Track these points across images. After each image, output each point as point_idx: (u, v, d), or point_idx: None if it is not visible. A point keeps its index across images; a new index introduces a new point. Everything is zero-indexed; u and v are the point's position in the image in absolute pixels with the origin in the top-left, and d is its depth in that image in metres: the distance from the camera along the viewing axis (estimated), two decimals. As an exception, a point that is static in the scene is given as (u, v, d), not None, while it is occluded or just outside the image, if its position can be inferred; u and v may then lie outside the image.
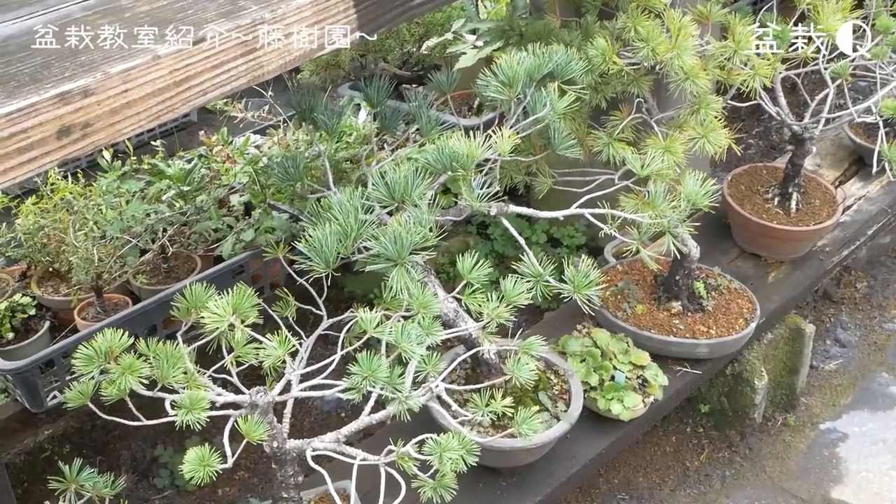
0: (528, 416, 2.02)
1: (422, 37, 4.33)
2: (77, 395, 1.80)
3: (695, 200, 2.29)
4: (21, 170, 1.44)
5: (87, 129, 1.50)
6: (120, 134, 1.55)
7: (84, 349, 1.72)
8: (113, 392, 1.71)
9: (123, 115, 1.54)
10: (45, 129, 1.44)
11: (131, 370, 1.66)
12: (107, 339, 1.71)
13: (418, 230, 1.92)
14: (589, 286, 2.12)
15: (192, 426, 3.22)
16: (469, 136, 2.08)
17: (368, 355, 1.79)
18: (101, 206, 3.11)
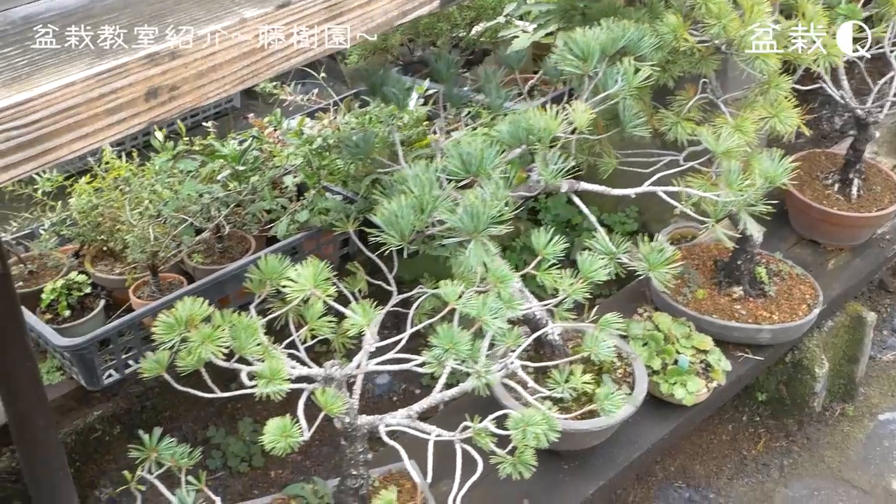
0: (610, 392, 1.99)
1: (473, 21, 4.30)
2: (153, 366, 1.78)
3: (772, 178, 2.25)
4: (110, 131, 1.42)
5: (174, 91, 1.48)
6: (205, 97, 1.52)
7: (164, 317, 1.70)
8: (191, 362, 1.68)
9: (209, 79, 1.52)
10: (133, 90, 1.42)
11: (211, 339, 1.64)
12: (187, 307, 1.69)
13: (495, 203, 1.89)
14: (663, 264, 2.08)
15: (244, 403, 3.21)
16: (546, 111, 2.04)
17: (449, 327, 1.76)
18: (156, 186, 3.09)
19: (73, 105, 1.34)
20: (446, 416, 2.80)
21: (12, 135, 1.29)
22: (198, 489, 1.78)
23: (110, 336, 2.75)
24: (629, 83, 2.18)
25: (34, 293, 2.97)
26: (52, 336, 2.72)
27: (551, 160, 2.11)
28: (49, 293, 2.94)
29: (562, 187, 2.21)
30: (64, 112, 1.34)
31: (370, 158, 2.52)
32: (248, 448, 3.31)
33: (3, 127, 1.27)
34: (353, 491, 2.09)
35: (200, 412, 3.52)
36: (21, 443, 2.64)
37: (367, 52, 4.45)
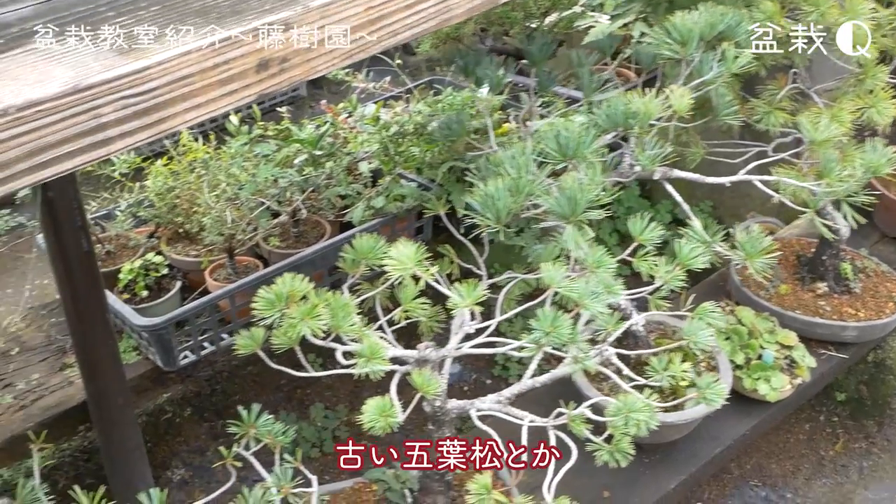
0: (712, 381, 1.95)
1: (547, 10, 4.26)
2: (248, 343, 1.76)
3: (875, 168, 2.19)
4: (221, 102, 1.40)
5: (284, 63, 1.46)
6: (314, 71, 1.51)
7: (265, 293, 1.69)
8: (289, 339, 1.66)
9: (319, 52, 1.50)
10: (246, 61, 1.40)
11: (311, 316, 1.62)
12: (287, 283, 1.67)
13: (593, 188, 1.86)
14: (761, 254, 2.04)
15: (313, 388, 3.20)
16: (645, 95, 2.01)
17: (550, 311, 1.73)
18: (233, 169, 3.09)
19: (188, 74, 1.33)
20: (523, 404, 2.77)
21: (129, 102, 1.28)
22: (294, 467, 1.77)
23: (187, 317, 2.75)
24: (728, 69, 2.14)
25: (112, 273, 2.98)
26: (131, 315, 2.73)
27: (648, 145, 2.07)
28: (127, 273, 2.95)
29: (655, 174, 2.17)
30: (179, 81, 1.32)
31: (456, 144, 2.48)
32: (319, 433, 3.30)
33: (120, 95, 1.26)
34: (439, 476, 2.07)
35: (270, 397, 3.52)
36: (99, 421, 2.66)
37: (439, 40, 4.43)
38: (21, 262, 4.44)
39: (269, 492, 1.65)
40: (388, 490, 2.17)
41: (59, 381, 2.83)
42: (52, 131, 1.20)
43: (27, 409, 2.72)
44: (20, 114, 1.17)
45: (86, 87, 1.22)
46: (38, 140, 1.19)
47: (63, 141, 1.22)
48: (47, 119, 1.19)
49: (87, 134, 1.24)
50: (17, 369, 2.89)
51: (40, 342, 3.02)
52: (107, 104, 1.25)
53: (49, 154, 1.21)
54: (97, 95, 1.24)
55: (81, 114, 1.23)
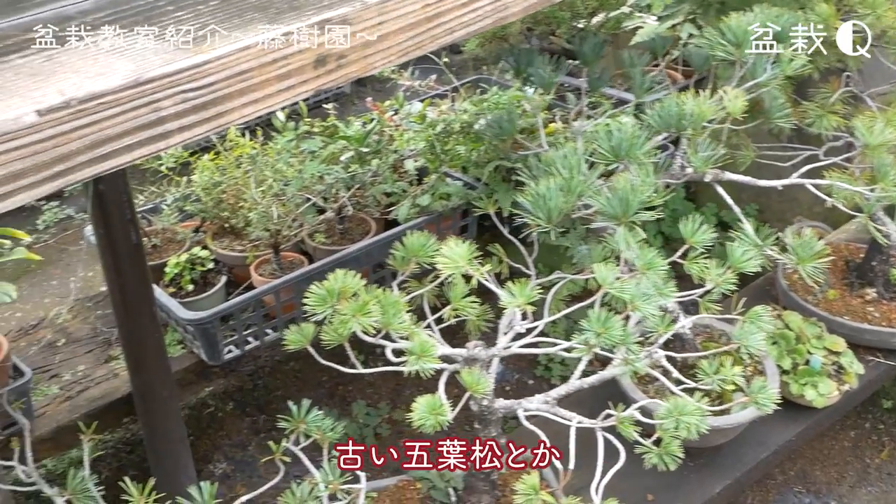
0: (763, 386, 1.93)
1: (594, 10, 4.24)
2: (298, 338, 1.77)
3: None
4: (279, 97, 1.41)
5: (341, 59, 1.46)
6: (371, 67, 1.51)
7: (316, 288, 1.69)
8: (340, 334, 1.66)
9: (376, 49, 1.50)
10: (304, 57, 1.40)
11: (361, 312, 1.62)
12: (339, 279, 1.67)
13: (646, 189, 1.84)
14: (813, 258, 2.01)
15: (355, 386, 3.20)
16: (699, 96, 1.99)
17: (600, 312, 1.72)
18: (279, 164, 3.10)
19: (247, 69, 1.33)
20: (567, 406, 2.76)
21: (189, 96, 1.28)
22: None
23: (232, 312, 2.76)
24: (783, 71, 2.12)
25: (158, 266, 3.00)
26: (177, 309, 2.74)
27: (700, 147, 2.06)
28: (173, 267, 2.96)
29: (706, 176, 2.15)
30: (238, 76, 1.33)
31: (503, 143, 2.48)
32: (360, 430, 3.30)
33: (180, 88, 1.27)
34: (485, 476, 2.06)
35: (312, 393, 3.52)
36: (144, 413, 2.68)
37: (486, 39, 4.42)
38: (66, 255, 4.49)
39: (318, 487, 1.65)
40: (433, 488, 2.17)
41: (105, 372, 2.85)
42: (112, 124, 1.21)
43: (73, 399, 2.74)
44: (82, 106, 1.17)
45: (147, 80, 1.23)
46: (99, 132, 1.20)
47: (123, 134, 1.23)
48: (108, 112, 1.20)
49: (146, 127, 1.25)
50: (63, 360, 2.91)
51: (86, 334, 3.04)
52: (167, 98, 1.26)
53: (109, 147, 1.22)
54: (157, 89, 1.24)
55: (142, 107, 1.23)
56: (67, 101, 1.16)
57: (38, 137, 1.14)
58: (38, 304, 4.17)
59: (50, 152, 1.16)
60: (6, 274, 4.14)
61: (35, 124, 1.14)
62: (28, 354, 2.94)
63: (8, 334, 3.03)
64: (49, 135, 1.15)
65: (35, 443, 2.64)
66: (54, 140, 1.16)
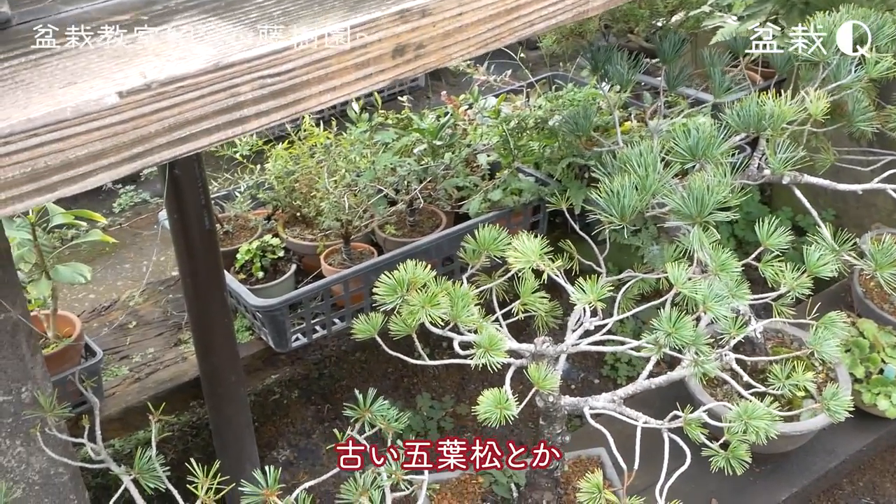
0: (837, 393, 1.89)
1: (674, 9, 4.19)
2: (366, 328, 1.77)
3: None
4: (357, 85, 1.41)
5: (420, 49, 1.46)
6: (449, 58, 1.50)
7: (387, 278, 1.69)
8: (408, 325, 1.66)
9: (455, 39, 1.50)
10: (382, 46, 1.40)
11: (431, 304, 1.62)
12: (409, 270, 1.67)
13: (721, 189, 1.82)
14: (892, 265, 1.97)
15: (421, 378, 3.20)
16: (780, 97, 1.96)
17: (672, 312, 1.70)
18: (352, 155, 3.11)
19: (326, 57, 1.34)
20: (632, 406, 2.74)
21: (267, 82, 1.29)
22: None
23: (301, 300, 2.77)
24: (868, 73, 2.07)
25: (229, 253, 3.03)
26: (247, 295, 2.76)
27: (780, 149, 2.02)
28: (244, 254, 2.99)
29: (784, 178, 2.11)
30: (316, 63, 1.33)
31: (584, 137, 2.46)
32: (424, 423, 3.31)
33: (258, 74, 1.27)
34: (548, 472, 2.05)
35: (377, 384, 3.54)
36: (211, 397, 2.71)
37: (563, 35, 4.39)
38: (139, 239, 4.56)
39: (380, 477, 1.65)
40: (495, 483, 2.16)
41: (174, 356, 2.88)
42: (191, 107, 1.22)
43: (142, 381, 2.78)
44: (162, 89, 1.19)
45: (226, 65, 1.24)
46: (178, 115, 1.21)
47: (201, 117, 1.24)
48: (188, 95, 1.21)
49: (224, 112, 1.26)
50: (133, 342, 2.95)
51: (157, 317, 3.08)
52: (245, 83, 1.27)
53: (187, 130, 1.23)
54: (236, 74, 1.25)
55: (220, 91, 1.24)
56: (148, 84, 1.17)
57: (119, 119, 1.16)
58: (112, 287, 4.24)
59: (130, 133, 1.18)
60: (81, 256, 4.22)
61: (116, 105, 1.15)
62: (100, 335, 2.98)
63: (81, 315, 3.08)
64: (129, 116, 1.16)
65: (103, 422, 2.67)
66: (134, 122, 1.17)
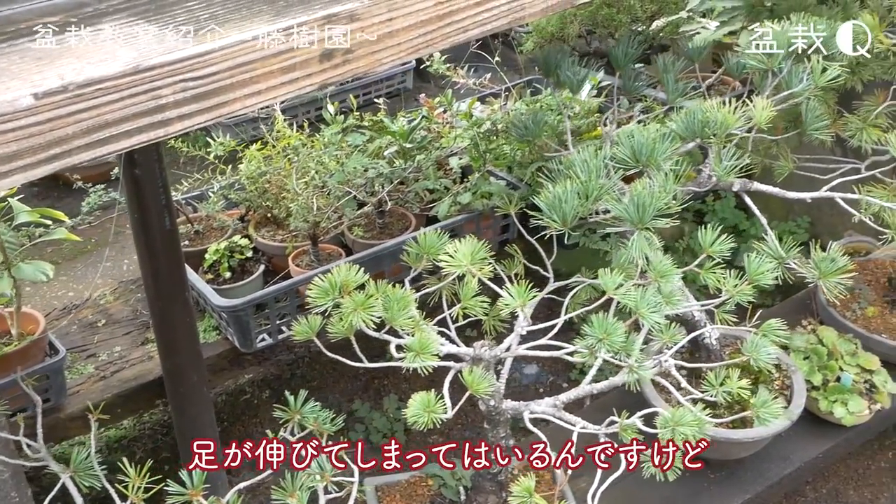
0: (767, 400, 1.90)
1: (654, 14, 4.20)
2: (304, 330, 1.78)
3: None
4: (282, 89, 1.42)
5: (348, 55, 1.47)
6: (379, 63, 1.51)
7: (319, 281, 1.70)
8: (342, 328, 1.68)
9: (385, 45, 1.51)
10: (309, 51, 1.41)
11: (364, 307, 1.63)
12: (342, 273, 1.69)
13: (662, 195, 1.83)
14: (835, 273, 1.98)
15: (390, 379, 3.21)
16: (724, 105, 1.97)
17: (604, 317, 1.71)
18: (323, 157, 3.13)
19: (250, 61, 1.35)
20: (592, 412, 2.75)
21: (189, 85, 1.30)
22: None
23: (267, 301, 2.79)
24: (815, 82, 2.08)
25: (198, 253, 3.05)
26: (212, 296, 2.78)
27: (725, 156, 2.03)
28: (212, 254, 3.01)
29: (734, 186, 2.12)
30: (240, 67, 1.34)
31: (537, 143, 2.47)
32: (390, 425, 3.32)
33: (180, 77, 1.28)
34: (492, 476, 2.06)
35: (348, 385, 3.55)
36: (174, 396, 2.71)
37: (544, 40, 4.40)
38: (122, 237, 4.56)
39: (314, 478, 1.66)
40: (444, 486, 2.17)
41: (140, 355, 2.90)
42: (110, 110, 1.23)
43: (107, 380, 2.79)
44: (80, 91, 1.20)
45: (146, 68, 1.25)
46: (97, 117, 1.22)
47: (122, 120, 1.25)
48: (107, 97, 1.22)
49: (146, 114, 1.27)
50: (101, 341, 2.97)
51: (126, 316, 3.10)
52: (166, 86, 1.28)
53: (107, 132, 1.24)
54: (157, 77, 1.26)
55: (141, 94, 1.25)
56: (65, 86, 1.19)
57: (34, 120, 1.17)
58: (91, 285, 4.24)
59: (46, 135, 1.19)
60: (63, 253, 4.25)
61: (31, 107, 1.16)
62: (68, 333, 3.00)
63: (51, 313, 3.10)
64: (45, 118, 1.17)
65: (66, 420, 2.71)
66: (51, 123, 1.18)
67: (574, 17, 4.20)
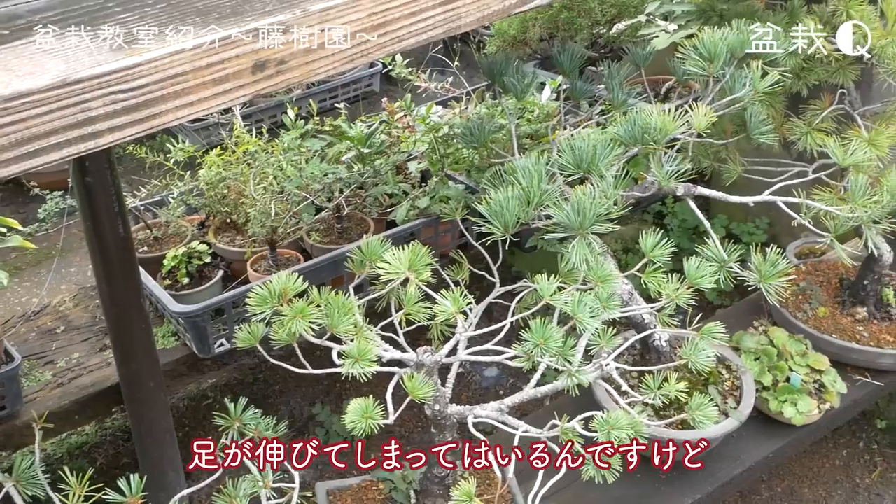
0: (703, 403, 1.93)
1: (614, 18, 4.23)
2: (247, 337, 1.80)
3: (900, 195, 2.15)
4: (215, 101, 1.43)
5: (281, 65, 1.48)
6: (313, 73, 1.53)
7: (258, 289, 1.72)
8: (282, 336, 1.69)
9: (318, 55, 1.52)
10: (241, 61, 1.43)
11: (303, 314, 1.65)
12: (281, 280, 1.70)
13: (602, 201, 1.85)
14: (776, 276, 2.01)
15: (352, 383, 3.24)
16: (664, 111, 1.99)
17: (542, 322, 1.73)
18: (282, 162, 3.14)
19: (180, 73, 1.36)
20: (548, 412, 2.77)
21: (119, 98, 1.31)
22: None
23: (224, 306, 2.80)
24: (755, 87, 2.11)
25: (157, 259, 3.05)
26: (168, 301, 2.79)
27: (667, 162, 2.06)
28: (170, 260, 3.01)
29: (678, 190, 2.15)
30: (171, 79, 1.35)
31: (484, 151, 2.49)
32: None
33: (110, 90, 1.29)
34: (439, 479, 2.08)
35: (309, 389, 3.56)
36: (131, 402, 2.72)
37: (506, 44, 4.43)
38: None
39: (257, 485, 1.68)
40: (394, 490, 2.19)
41: (98, 361, 2.90)
42: (39, 122, 1.24)
43: (64, 387, 2.80)
44: (7, 104, 1.21)
45: (75, 80, 1.26)
46: (26, 130, 1.23)
47: (51, 132, 1.26)
48: (35, 111, 1.23)
49: (75, 126, 1.28)
50: (59, 347, 2.97)
51: (85, 322, 3.10)
52: (96, 98, 1.29)
53: (36, 144, 1.25)
54: (86, 90, 1.27)
55: (70, 107, 1.26)
56: (-8, 100, 1.20)
57: (-40, 133, 1.18)
58: (55, 290, 4.24)
59: (-28, 148, 1.20)
60: (27, 259, 4.25)
61: (-43, 121, 1.17)
62: (27, 340, 3.00)
63: (9, 320, 3.10)
64: (-29, 131, 1.19)
65: (22, 428, 2.71)
66: (-23, 136, 1.19)
67: (535, 21, 4.23)
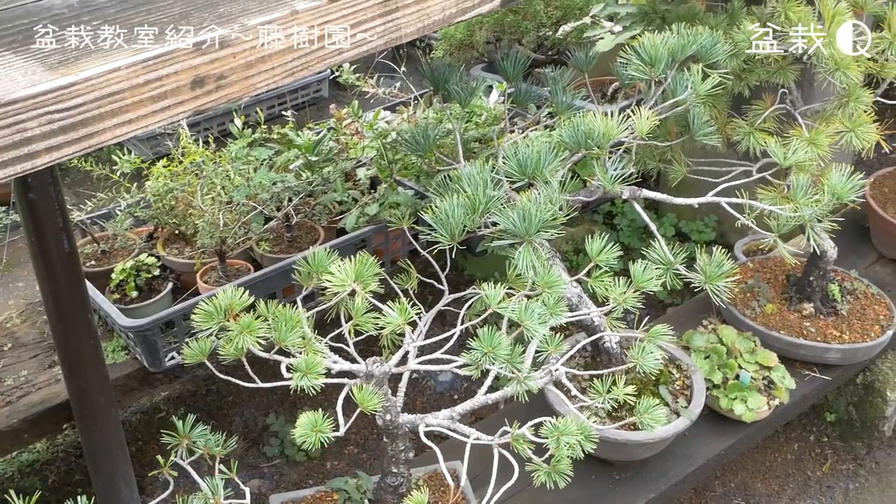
0: (651, 406, 1.95)
1: (559, 20, 4.25)
2: (194, 353, 1.79)
3: (839, 194, 2.18)
4: (154, 118, 1.42)
5: (221, 80, 1.48)
6: (254, 88, 1.52)
7: (204, 305, 1.71)
8: (230, 351, 1.69)
9: (258, 70, 1.51)
10: (179, 78, 1.42)
11: (249, 329, 1.64)
12: (227, 296, 1.69)
13: (548, 207, 1.86)
14: (721, 277, 2.03)
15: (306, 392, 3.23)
16: (606, 116, 2.01)
17: (490, 331, 1.74)
18: (230, 172, 3.12)
19: (118, 91, 1.35)
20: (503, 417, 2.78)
21: (55, 118, 1.30)
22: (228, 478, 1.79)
23: (174, 319, 2.77)
24: (696, 90, 2.13)
25: (105, 272, 3.02)
26: (117, 316, 2.76)
27: (612, 165, 2.07)
28: (118, 273, 2.98)
29: (623, 194, 2.17)
30: (108, 97, 1.34)
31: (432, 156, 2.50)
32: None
33: (45, 110, 1.28)
34: (393, 489, 2.08)
35: (263, 399, 3.55)
36: (81, 419, 2.69)
37: (453, 48, 4.43)
38: (36, 257, 4.50)
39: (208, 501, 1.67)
40: (349, 500, 2.19)
41: (47, 378, 2.87)
42: (-27, 144, 1.23)
43: (13, 405, 2.76)
44: (-60, 127, 1.19)
45: (9, 101, 1.25)
46: (-41, 152, 1.22)
47: (-15, 154, 1.25)
48: (-32, 133, 1.22)
49: (11, 147, 1.27)
50: (7, 365, 2.93)
51: (33, 339, 3.06)
52: (31, 119, 1.27)
53: (-29, 166, 1.24)
54: (21, 110, 1.26)
55: (5, 128, 1.25)
56: (-75, 123, 1.18)
57: None
58: (2, 306, 4.18)
59: None
60: (-28, 274, 4.19)
61: None
62: (-27, 359, 2.96)
63: (-44, 338, 3.06)
64: None
65: (-30, 447, 2.68)
66: (-89, 159, 1.18)
67: (481, 24, 4.23)
